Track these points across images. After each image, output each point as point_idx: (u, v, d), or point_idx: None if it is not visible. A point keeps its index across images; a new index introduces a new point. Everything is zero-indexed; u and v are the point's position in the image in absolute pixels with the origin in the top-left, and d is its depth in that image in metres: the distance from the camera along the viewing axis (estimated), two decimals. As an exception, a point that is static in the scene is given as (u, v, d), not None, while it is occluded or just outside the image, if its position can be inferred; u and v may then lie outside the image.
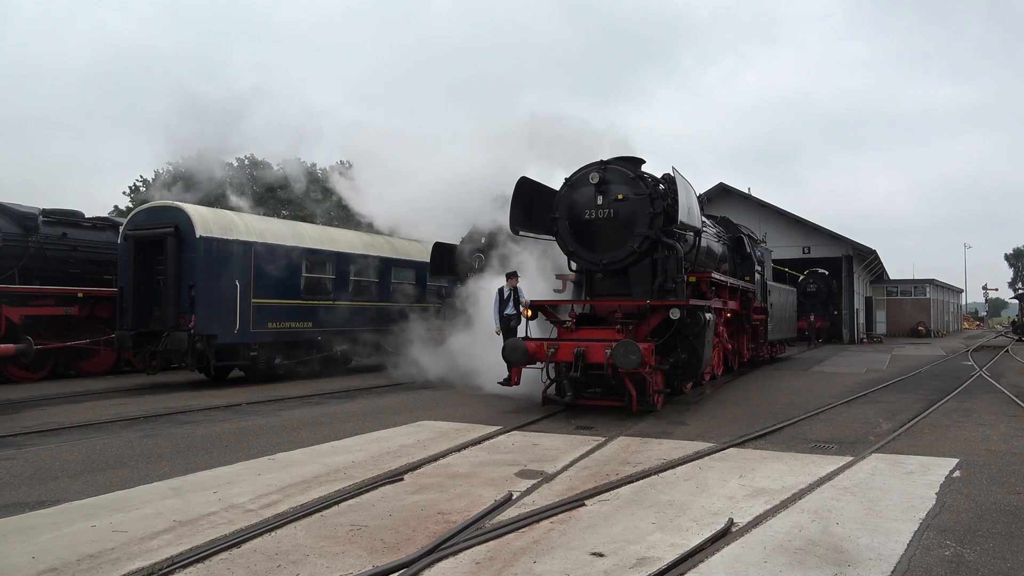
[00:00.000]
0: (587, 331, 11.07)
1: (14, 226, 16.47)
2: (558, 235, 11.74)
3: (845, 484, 6.31)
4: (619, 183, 11.12)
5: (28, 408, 11.85)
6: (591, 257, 11.41)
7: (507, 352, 10.67)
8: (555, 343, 10.60)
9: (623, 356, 9.60)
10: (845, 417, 10.39)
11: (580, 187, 11.38)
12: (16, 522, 5.28)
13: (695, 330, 10.77)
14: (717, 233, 15.90)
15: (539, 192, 12.34)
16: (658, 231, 10.94)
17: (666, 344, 10.58)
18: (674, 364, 10.89)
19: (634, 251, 11.05)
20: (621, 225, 11.07)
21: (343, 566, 4.30)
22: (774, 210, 36.35)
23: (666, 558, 4.41)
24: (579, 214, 11.32)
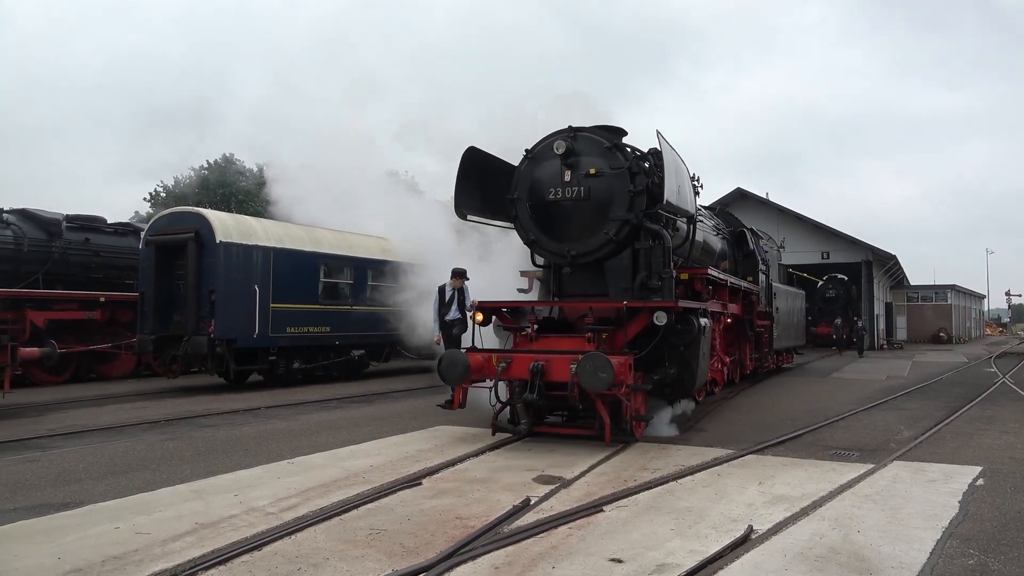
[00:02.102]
0: (551, 340, 8.88)
1: (39, 231, 16.73)
2: (517, 220, 9.60)
3: (866, 492, 6.26)
4: (591, 154, 8.96)
5: (52, 411, 12.02)
6: (557, 248, 9.29)
7: (443, 367, 8.40)
8: (507, 355, 8.45)
9: (590, 373, 7.47)
10: (865, 424, 10.29)
11: (543, 160, 9.22)
12: (42, 523, 5.36)
13: (687, 339, 8.73)
14: (716, 226, 14.05)
15: (493, 167, 10.16)
16: (640, 214, 8.82)
17: (650, 357, 8.47)
18: (660, 381, 8.73)
19: (610, 239, 8.91)
20: (594, 207, 8.90)
21: (363, 570, 4.33)
22: (792, 215, 36.16)
23: (685, 564, 4.40)
24: (542, 194, 9.14)
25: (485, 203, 10.17)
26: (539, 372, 8.03)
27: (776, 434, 9.17)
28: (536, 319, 9.38)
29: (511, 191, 9.56)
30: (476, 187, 10.01)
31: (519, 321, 9.49)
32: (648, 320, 8.31)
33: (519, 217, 9.56)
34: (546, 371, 8.08)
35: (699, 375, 9.05)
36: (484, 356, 8.58)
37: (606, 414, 8.05)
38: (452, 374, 8.38)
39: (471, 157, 9.91)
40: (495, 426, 8.71)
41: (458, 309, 11.49)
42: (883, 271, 39.95)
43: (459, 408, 8.77)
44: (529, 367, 8.11)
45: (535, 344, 8.87)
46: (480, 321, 9.42)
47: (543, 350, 8.55)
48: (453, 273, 11.72)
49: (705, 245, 12.31)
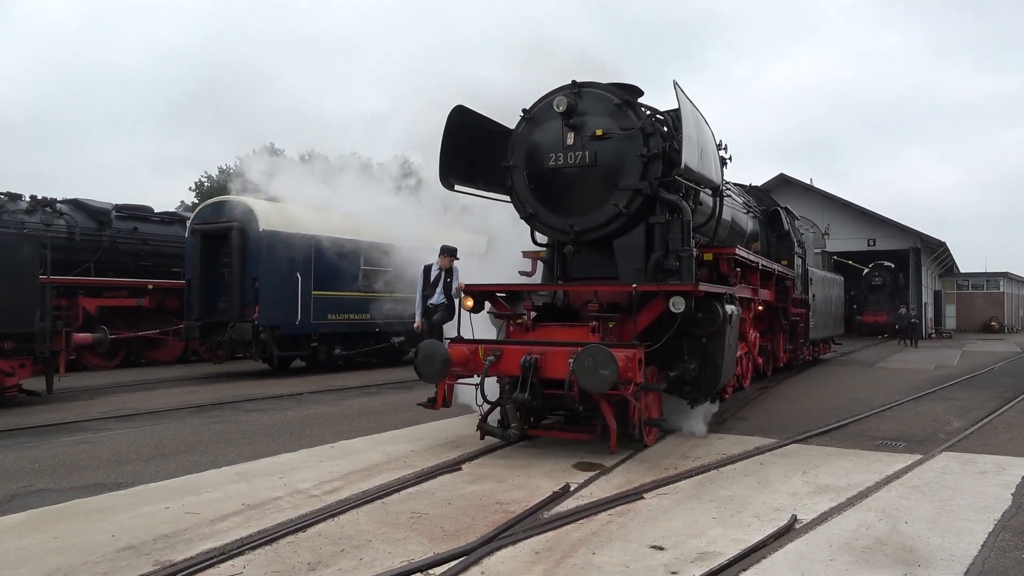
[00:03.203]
0: (550, 330, 7.71)
1: (90, 221, 17.22)
2: (512, 192, 8.34)
3: (914, 483, 6.12)
4: (598, 113, 7.75)
5: (104, 394, 12.40)
6: (558, 223, 8.07)
7: (418, 361, 7.20)
8: (497, 347, 7.25)
9: (589, 370, 6.30)
10: (913, 414, 10.05)
11: (543, 121, 8.01)
12: (96, 502, 5.54)
13: (710, 329, 7.50)
14: (746, 204, 12.60)
15: (486, 131, 8.87)
16: (655, 183, 7.59)
17: (666, 350, 7.26)
18: (679, 378, 7.56)
19: (620, 212, 7.65)
20: (601, 175, 7.70)
21: (405, 552, 4.38)
22: (838, 201, 35.34)
23: (727, 553, 4.36)
24: (541, 160, 7.94)
25: (476, 171, 8.89)
26: (532, 367, 6.80)
27: (820, 424, 9.01)
28: (532, 305, 8.13)
29: (506, 158, 8.30)
30: (466, 153, 8.76)
31: (516, 308, 8.25)
32: (664, 307, 7.09)
33: (515, 188, 8.29)
34: (541, 366, 6.86)
35: (724, 371, 7.78)
36: (470, 348, 7.33)
37: (612, 417, 6.82)
38: (429, 369, 7.16)
39: (459, 118, 8.59)
40: (482, 429, 7.46)
41: (443, 292, 9.81)
42: (932, 258, 38.88)
43: (443, 407, 7.67)
44: (520, 361, 6.89)
45: (531, 334, 7.70)
46: (470, 307, 8.17)
47: (539, 341, 7.34)
48: (442, 251, 10.07)
49: (733, 224, 11.09)
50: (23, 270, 10.62)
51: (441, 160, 8.52)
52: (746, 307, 10.17)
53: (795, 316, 14.57)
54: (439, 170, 8.56)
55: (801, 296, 15.17)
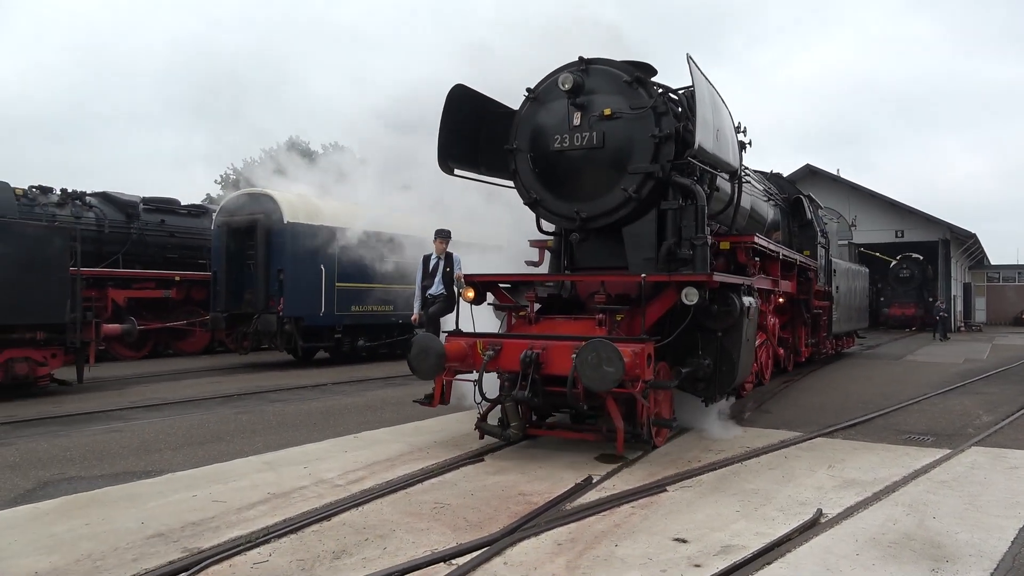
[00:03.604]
0: (554, 323, 7.34)
1: (118, 213, 17.48)
2: (516, 176, 7.94)
3: (942, 478, 6.03)
4: (607, 91, 7.33)
5: (132, 384, 12.61)
6: (564, 209, 7.64)
7: (412, 356, 6.77)
8: (497, 341, 6.83)
9: (592, 366, 5.84)
10: (941, 409, 9.90)
11: (548, 101, 7.62)
12: (126, 490, 5.64)
13: (726, 322, 7.08)
14: (767, 191, 12.00)
15: (489, 112, 8.47)
16: (667, 166, 7.16)
17: (679, 344, 6.91)
18: (692, 375, 7.13)
19: (629, 197, 7.21)
20: (609, 157, 7.28)
21: (428, 542, 4.41)
22: (865, 192, 34.84)
23: (751, 546, 4.33)
24: (546, 142, 7.53)
25: (478, 155, 8.48)
26: (533, 363, 6.40)
27: (846, 417, 8.91)
28: (535, 297, 7.67)
29: (510, 140, 7.89)
30: (467, 135, 8.34)
31: (520, 300, 7.81)
32: (676, 298, 6.70)
33: (518, 172, 7.87)
34: (543, 361, 6.47)
35: (741, 367, 7.32)
36: (468, 342, 6.92)
37: (619, 417, 6.29)
38: (422, 365, 6.73)
39: (459, 97, 8.15)
40: (481, 428, 7.02)
41: (441, 282, 8.99)
42: (961, 250, 38.20)
43: (440, 405, 7.20)
44: (520, 357, 6.49)
45: (534, 328, 7.34)
46: (471, 299, 7.79)
47: (542, 335, 6.91)
48: (436, 235, 9.24)
49: (753, 212, 10.56)
50: (54, 262, 10.82)
51: (440, 142, 8.08)
52: (766, 299, 9.79)
53: (818, 309, 14.08)
54: (438, 153, 8.10)
55: (824, 288, 14.63)
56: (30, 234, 10.90)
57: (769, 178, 13.26)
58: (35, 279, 10.52)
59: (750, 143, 9.21)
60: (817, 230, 14.09)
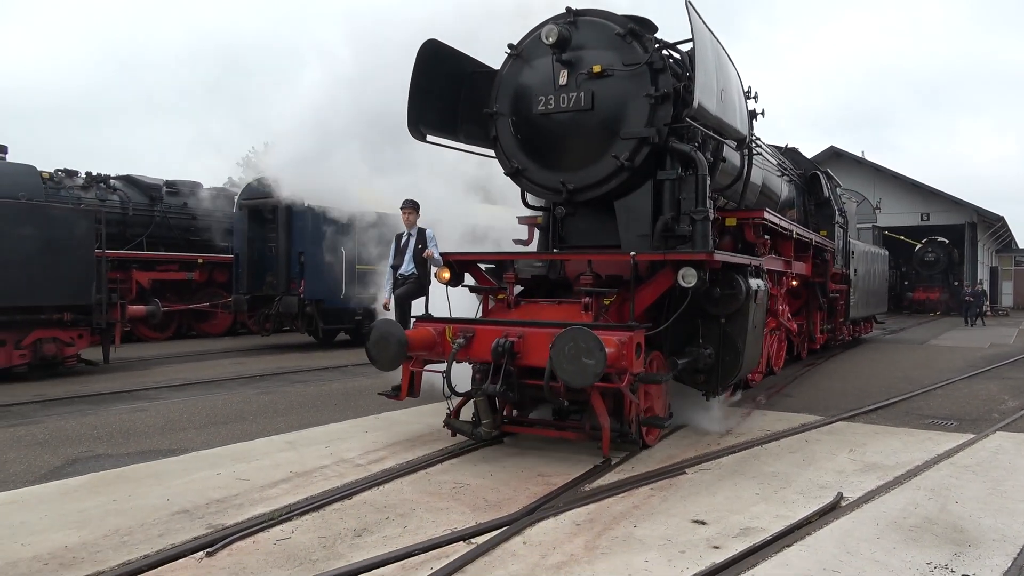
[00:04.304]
0: (535, 307, 6.62)
1: (142, 196, 17.65)
2: (497, 143, 7.16)
3: (966, 462, 5.97)
4: (597, 46, 6.55)
5: (157, 365, 12.80)
6: (550, 180, 6.87)
7: (370, 344, 6.08)
8: (468, 327, 6.12)
9: (567, 359, 5.16)
10: (966, 393, 9.79)
11: (532, 59, 6.85)
12: (151, 468, 5.75)
13: (730, 307, 6.39)
14: (780, 165, 11.06)
15: (466, 72, 7.59)
16: (664, 130, 6.38)
17: (678, 332, 6.32)
18: (691, 366, 6.48)
19: (621, 166, 6.44)
20: (599, 121, 6.50)
21: (448, 521, 4.46)
22: (889, 174, 34.30)
23: (771, 529, 4.33)
24: (529, 105, 6.77)
25: (457, 120, 7.63)
26: (507, 352, 5.67)
27: (868, 401, 8.84)
28: (515, 278, 6.91)
29: (490, 103, 7.12)
30: (444, 98, 7.51)
31: (503, 281, 7.04)
32: (673, 280, 5.98)
33: (499, 139, 7.09)
34: (519, 351, 5.73)
35: (747, 357, 6.61)
36: (437, 329, 6.24)
37: (605, 414, 5.66)
38: (382, 354, 6.02)
39: (432, 54, 7.23)
40: (450, 426, 6.32)
41: (412, 260, 7.77)
42: (988, 233, 37.53)
43: (407, 397, 6.57)
44: (491, 346, 5.77)
45: (513, 312, 6.61)
46: (446, 280, 7.04)
47: (519, 321, 6.16)
48: (403, 206, 7.97)
49: (765, 187, 9.71)
50: (80, 244, 10.97)
51: (410, 104, 7.17)
52: (777, 282, 9.04)
53: (834, 293, 13.24)
54: (407, 116, 7.20)
55: (842, 270, 13.81)
56: (56, 216, 11.05)
57: (784, 153, 12.46)
58: (61, 261, 10.68)
59: (762, 113, 8.57)
60: (835, 208, 13.30)
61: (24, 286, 10.28)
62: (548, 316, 6.32)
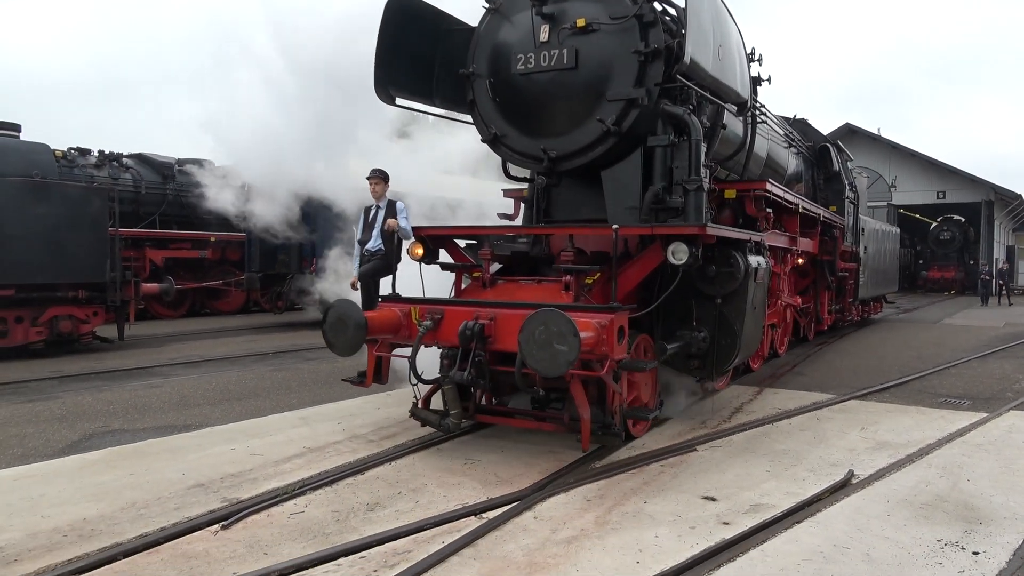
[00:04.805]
0: (512, 286, 6.12)
1: (154, 175, 17.71)
2: (474, 107, 6.65)
3: (978, 441, 5.96)
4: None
5: (171, 342, 12.91)
6: (530, 147, 6.35)
7: (327, 327, 5.60)
8: (437, 308, 5.58)
9: (537, 345, 4.66)
10: (979, 372, 9.73)
11: (512, 14, 6.34)
12: (167, 442, 5.82)
13: (727, 286, 5.86)
14: (787, 136, 10.48)
15: (440, 30, 6.99)
16: (655, 91, 5.86)
17: (670, 313, 5.95)
18: (684, 350, 5.95)
19: (608, 131, 5.92)
20: (584, 81, 5.98)
21: (459, 496, 4.50)
22: (906, 152, 33.86)
23: (781, 505, 4.34)
24: (507, 64, 6.25)
25: (433, 83, 7.04)
26: (476, 336, 5.18)
27: (880, 380, 8.81)
28: (491, 254, 6.31)
29: (466, 63, 6.60)
30: (416, 58, 6.88)
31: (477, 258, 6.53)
32: (662, 257, 5.48)
33: (476, 102, 6.56)
34: (490, 334, 5.23)
35: (745, 340, 6.08)
36: (403, 310, 5.75)
37: (585, 405, 5.18)
38: (339, 338, 5.52)
39: (401, 8, 6.65)
40: (416, 415, 5.77)
41: (380, 235, 7.18)
42: (1006, 211, 37.05)
43: (373, 384, 6.12)
44: (458, 329, 5.26)
45: (487, 292, 6.09)
46: (419, 257, 6.51)
47: (493, 301, 5.67)
48: (371, 175, 7.38)
49: (770, 160, 9.08)
50: (94, 222, 11.04)
51: (377, 64, 6.58)
52: (780, 259, 8.61)
53: (843, 271, 12.76)
54: (374, 77, 6.62)
55: (851, 248, 13.22)
56: (70, 195, 11.12)
57: (792, 124, 11.79)
58: (76, 239, 10.75)
59: (768, 79, 8.05)
60: (845, 183, 12.68)
61: (39, 264, 10.38)
62: (525, 296, 5.81)
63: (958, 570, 3.52)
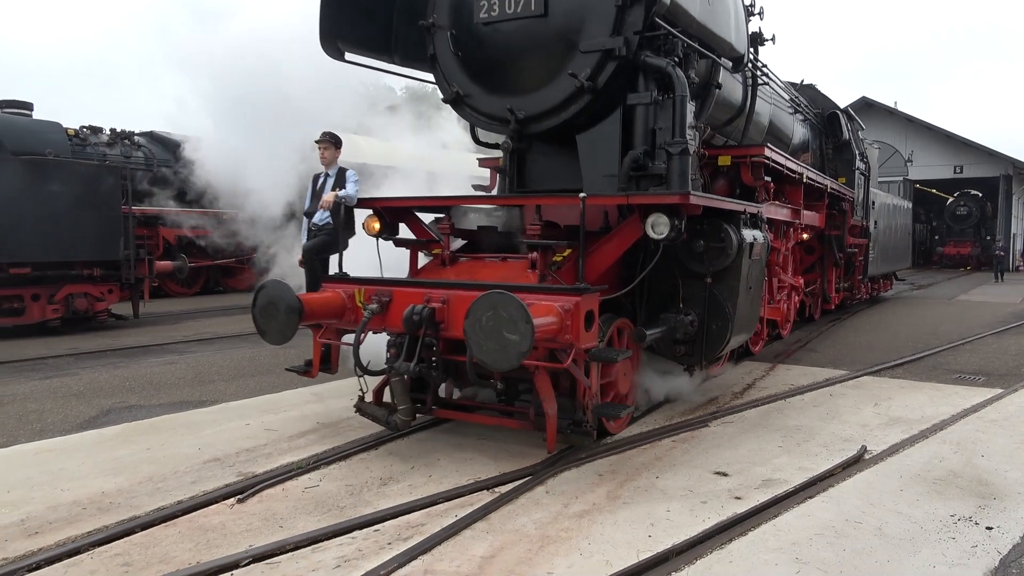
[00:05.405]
0: (476, 264, 5.53)
1: (166, 153, 17.73)
2: (435, 63, 5.98)
3: (992, 417, 5.92)
4: None
5: (185, 319, 13.01)
6: (495, 107, 5.71)
7: (256, 311, 4.96)
8: (384, 289, 4.97)
9: (484, 333, 4.05)
10: (995, 348, 9.66)
11: None
12: (183, 418, 5.89)
13: (717, 264, 5.28)
14: (793, 102, 9.80)
15: None
16: (635, 40, 5.15)
17: (654, 294, 5.46)
18: (669, 335, 5.40)
19: (581, 87, 5.25)
20: (555, 30, 5.33)
21: (472, 471, 4.52)
22: (922, 126, 33.38)
23: (793, 481, 4.34)
24: (470, 13, 5.61)
25: (392, 38, 6.42)
26: (424, 322, 4.57)
27: (894, 356, 8.76)
28: (451, 228, 5.73)
29: (426, 14, 5.90)
30: (371, 10, 6.32)
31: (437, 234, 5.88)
32: (638, 230, 4.88)
33: (437, 57, 5.90)
34: (442, 319, 4.63)
35: (738, 323, 5.48)
36: (347, 291, 5.12)
37: (551, 399, 4.59)
38: (269, 324, 4.90)
39: None
40: (361, 411, 5.19)
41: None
42: (1024, 187, 36.57)
43: (320, 373, 5.63)
44: (403, 314, 4.64)
45: (449, 270, 5.50)
46: (376, 232, 5.88)
47: (447, 282, 5.06)
48: (320, 139, 6.64)
49: (773, 127, 8.38)
50: (107, 201, 11.10)
51: (322, 13, 6.02)
52: (781, 234, 8.03)
53: (852, 247, 12.06)
54: (319, 29, 6.02)
55: (861, 223, 12.51)
56: (83, 173, 11.16)
57: (800, 90, 11.06)
58: (89, 217, 10.82)
59: (773, 39, 7.37)
60: (855, 153, 11.95)
61: (54, 242, 10.46)
62: (488, 276, 5.23)
63: (971, 545, 3.52)
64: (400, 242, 6.00)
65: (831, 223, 10.68)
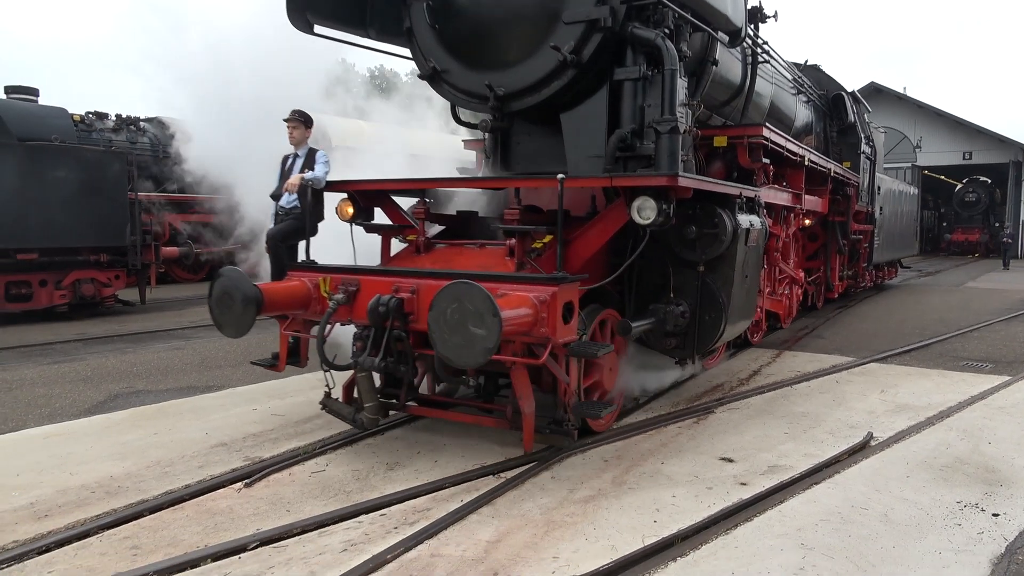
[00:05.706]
0: (453, 252, 5.22)
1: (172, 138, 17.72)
2: (412, 37, 5.66)
3: (1000, 404, 5.91)
4: None
5: (192, 305, 13.03)
6: (474, 83, 5.37)
7: (213, 303, 4.69)
8: (352, 279, 4.67)
9: (448, 327, 3.76)
10: (1003, 336, 9.61)
11: None
12: (190, 403, 5.92)
13: (710, 251, 5.04)
14: (796, 82, 9.47)
15: None
16: (621, 10, 4.83)
17: (642, 283, 5.23)
18: (658, 327, 5.17)
19: (564, 61, 4.92)
20: (535, 3, 5.00)
21: (478, 456, 4.54)
22: (931, 111, 33.10)
23: (799, 467, 4.34)
24: None
25: (362, 8, 6.06)
26: (392, 313, 4.29)
27: (901, 343, 8.73)
28: (426, 212, 5.43)
29: None
30: None
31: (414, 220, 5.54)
32: (623, 215, 4.60)
33: (414, 30, 5.58)
34: (411, 310, 4.35)
35: (733, 313, 5.25)
36: (313, 280, 4.81)
37: (529, 396, 4.31)
38: (226, 316, 4.62)
39: None
40: (327, 407, 4.88)
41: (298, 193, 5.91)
42: (1034, 173, 36.29)
43: (284, 368, 5.40)
44: (368, 305, 4.37)
45: (424, 258, 5.20)
46: (350, 217, 5.58)
47: (417, 270, 4.75)
48: (290, 117, 6.34)
49: (774, 108, 8.09)
50: (113, 186, 11.11)
51: None
52: (781, 220, 7.75)
53: (857, 234, 11.83)
54: (286, 2, 5.59)
55: (866, 209, 12.22)
56: (89, 159, 11.17)
57: (804, 71, 10.67)
58: (96, 203, 10.83)
59: (775, 16, 7.10)
60: (861, 136, 11.60)
61: (61, 228, 10.49)
62: (464, 264, 4.95)
63: (977, 531, 3.52)
64: (371, 228, 5.69)
65: (835, 209, 10.40)
